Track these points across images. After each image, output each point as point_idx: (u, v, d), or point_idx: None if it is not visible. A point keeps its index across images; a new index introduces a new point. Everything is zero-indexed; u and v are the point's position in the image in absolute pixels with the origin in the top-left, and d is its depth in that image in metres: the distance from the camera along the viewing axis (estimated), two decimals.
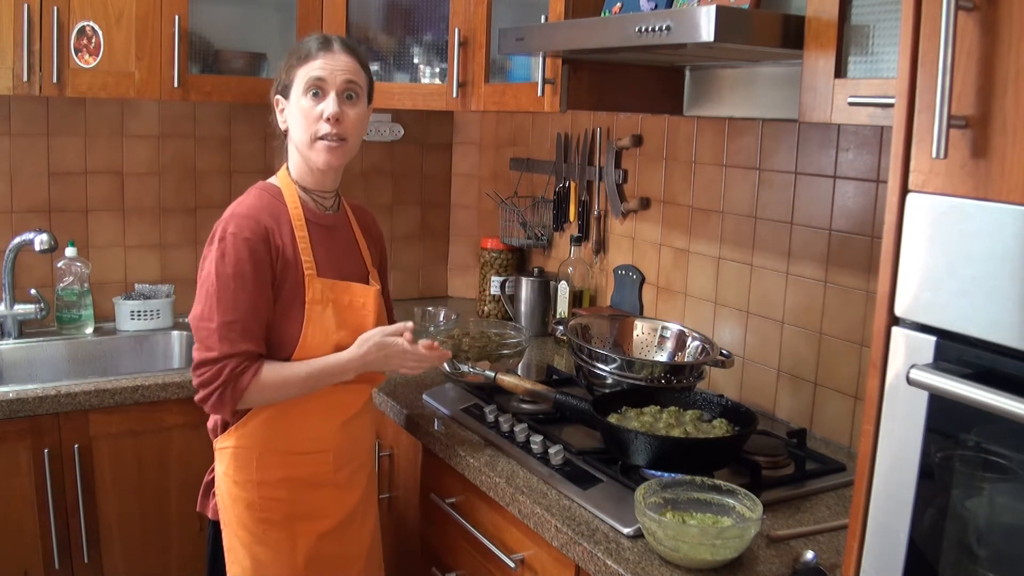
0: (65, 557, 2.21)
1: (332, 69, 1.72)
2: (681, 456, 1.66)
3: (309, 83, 1.71)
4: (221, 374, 1.62)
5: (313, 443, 1.76)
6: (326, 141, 1.72)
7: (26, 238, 2.53)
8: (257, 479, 1.72)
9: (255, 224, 1.68)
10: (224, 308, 1.63)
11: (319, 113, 1.71)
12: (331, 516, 1.79)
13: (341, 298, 1.76)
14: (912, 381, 0.98)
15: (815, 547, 1.49)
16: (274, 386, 1.67)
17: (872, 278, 1.88)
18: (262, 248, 1.67)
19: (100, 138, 2.71)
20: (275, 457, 1.73)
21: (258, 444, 1.72)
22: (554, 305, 2.78)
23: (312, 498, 1.76)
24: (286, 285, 1.70)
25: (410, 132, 3.18)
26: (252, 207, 1.72)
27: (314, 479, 1.77)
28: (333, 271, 1.77)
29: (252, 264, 1.65)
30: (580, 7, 2.10)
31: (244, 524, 1.73)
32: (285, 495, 1.74)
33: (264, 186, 1.80)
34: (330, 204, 1.84)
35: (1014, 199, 0.91)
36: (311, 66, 1.72)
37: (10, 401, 2.10)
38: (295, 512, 1.75)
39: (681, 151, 2.39)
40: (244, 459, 1.72)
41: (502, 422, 1.95)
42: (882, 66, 1.43)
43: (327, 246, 1.78)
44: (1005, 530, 0.98)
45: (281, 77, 1.79)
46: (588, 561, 1.49)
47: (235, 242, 1.65)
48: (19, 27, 2.24)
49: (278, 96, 1.80)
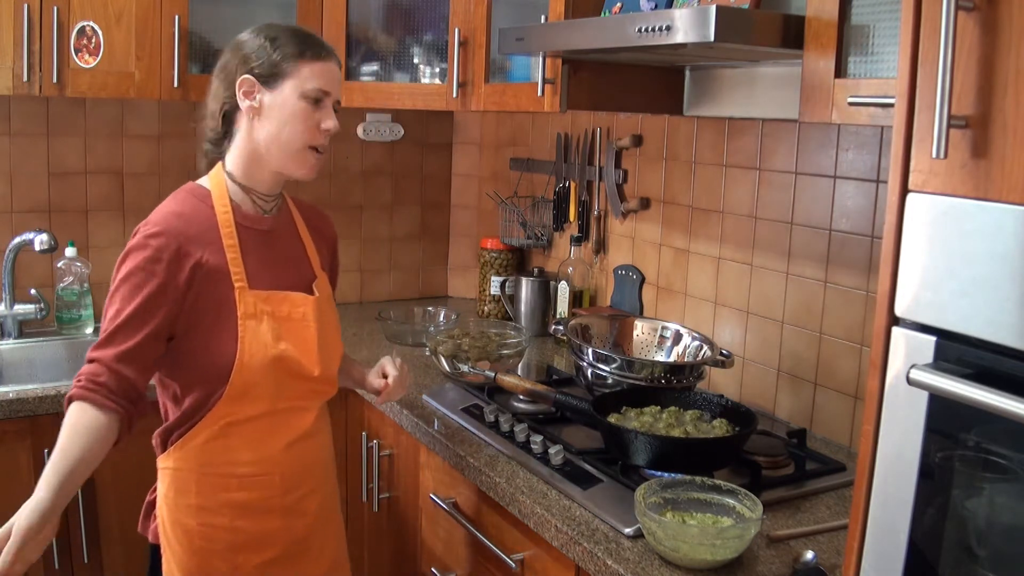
0: (65, 557, 2.21)
1: (335, 82, 1.64)
2: (681, 456, 1.66)
3: (315, 91, 1.60)
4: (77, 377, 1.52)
5: (256, 465, 1.62)
6: (316, 152, 1.63)
7: (26, 238, 2.53)
8: (196, 504, 1.59)
9: (165, 239, 1.53)
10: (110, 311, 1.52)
11: (317, 122, 1.61)
12: (277, 545, 1.65)
13: (278, 310, 1.61)
14: (912, 381, 0.98)
15: (815, 547, 1.49)
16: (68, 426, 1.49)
17: (872, 278, 1.88)
18: (166, 260, 1.52)
19: (100, 138, 2.71)
20: (215, 479, 1.60)
21: (197, 466, 1.59)
22: (554, 305, 2.78)
23: (256, 526, 1.63)
24: (211, 303, 1.56)
25: (410, 132, 3.18)
26: (171, 216, 1.58)
27: (259, 504, 1.63)
28: (270, 280, 1.63)
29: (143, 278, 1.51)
30: (580, 7, 2.10)
31: (183, 551, 1.60)
32: (226, 522, 1.60)
33: (192, 189, 1.65)
34: (271, 207, 1.70)
35: (1014, 199, 0.91)
36: (317, 70, 1.60)
37: (10, 401, 2.10)
38: (237, 542, 1.61)
39: (681, 151, 2.39)
40: (183, 481, 1.60)
41: (502, 422, 1.95)
42: (882, 66, 1.43)
43: (263, 253, 1.65)
44: (1005, 530, 0.98)
45: (266, 57, 1.60)
46: (588, 561, 1.49)
47: (139, 251, 1.53)
48: (19, 27, 2.24)
49: (249, 77, 1.60)
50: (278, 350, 1.59)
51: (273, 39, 1.61)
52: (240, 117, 1.63)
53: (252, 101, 1.60)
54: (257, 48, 1.61)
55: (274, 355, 1.58)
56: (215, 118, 1.65)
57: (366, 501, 2.36)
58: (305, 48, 1.61)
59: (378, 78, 2.69)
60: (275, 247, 1.68)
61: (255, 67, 1.60)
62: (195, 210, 1.61)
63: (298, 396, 1.66)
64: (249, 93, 1.60)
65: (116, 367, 1.50)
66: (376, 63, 2.70)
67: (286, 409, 1.64)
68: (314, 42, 1.64)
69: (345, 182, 3.12)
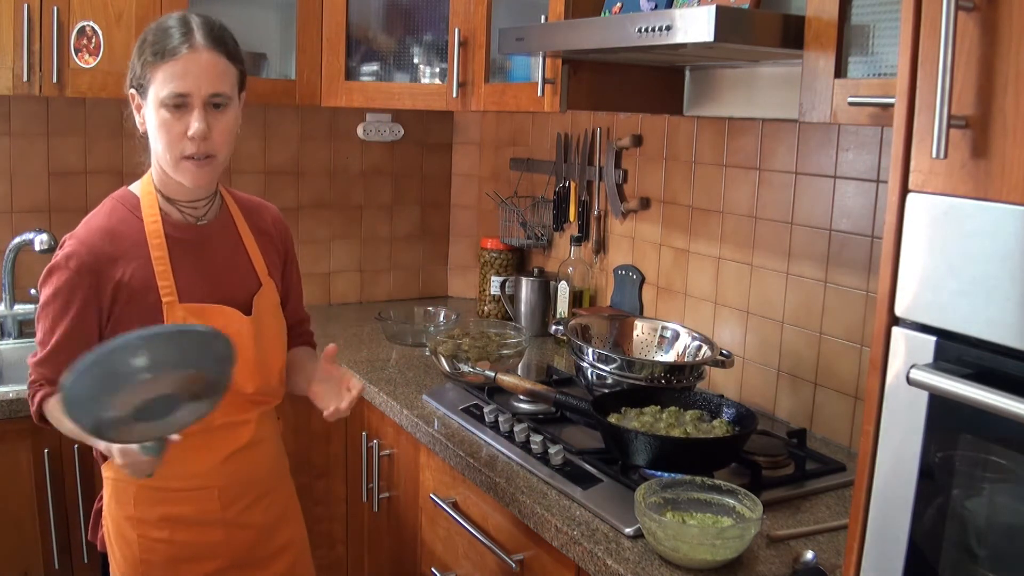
0: (65, 557, 2.21)
1: (196, 76, 1.47)
2: (681, 456, 1.66)
3: (169, 97, 1.47)
4: (30, 386, 1.57)
5: (192, 479, 1.58)
6: (193, 160, 1.51)
7: (26, 238, 2.53)
8: (136, 516, 1.57)
9: (87, 253, 1.50)
10: (41, 329, 1.54)
11: (182, 130, 1.49)
12: (220, 557, 1.62)
13: (210, 323, 1.51)
14: (912, 381, 0.98)
15: (815, 547, 1.49)
16: (55, 418, 1.53)
17: (872, 278, 1.88)
18: (86, 280, 1.50)
19: (100, 138, 2.71)
20: (152, 493, 1.57)
21: (133, 479, 1.53)
22: (554, 305, 2.78)
23: (197, 538, 1.60)
24: (135, 317, 1.51)
25: (410, 132, 3.18)
26: (96, 230, 1.53)
27: (199, 517, 1.60)
28: (203, 292, 1.57)
29: (69, 295, 1.50)
30: (580, 7, 2.10)
31: (125, 561, 1.59)
32: (166, 535, 1.58)
33: (122, 196, 1.60)
34: (203, 214, 1.62)
35: (1014, 199, 0.91)
36: (170, 72, 1.46)
37: (10, 401, 2.10)
38: (178, 555, 1.58)
39: (681, 151, 2.39)
40: (122, 492, 1.58)
41: (502, 422, 1.95)
42: (882, 66, 1.43)
43: (196, 263, 1.58)
44: (1005, 530, 0.98)
45: (135, 68, 1.52)
46: (588, 561, 1.49)
47: (59, 270, 1.51)
48: (19, 27, 2.24)
49: (132, 91, 1.54)
50: None
51: (143, 41, 1.51)
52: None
53: (139, 116, 1.56)
54: (133, 55, 1.54)
55: None
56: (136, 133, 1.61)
57: (366, 501, 2.36)
58: (159, 47, 1.47)
59: (378, 78, 2.69)
60: (210, 256, 1.61)
61: (131, 79, 1.54)
62: (122, 222, 1.56)
63: (234, 411, 1.60)
64: (138, 107, 1.56)
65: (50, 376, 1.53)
66: (376, 63, 2.70)
67: (221, 425, 1.59)
68: (173, 37, 1.48)
69: (345, 182, 3.12)
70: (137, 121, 1.57)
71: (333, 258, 3.15)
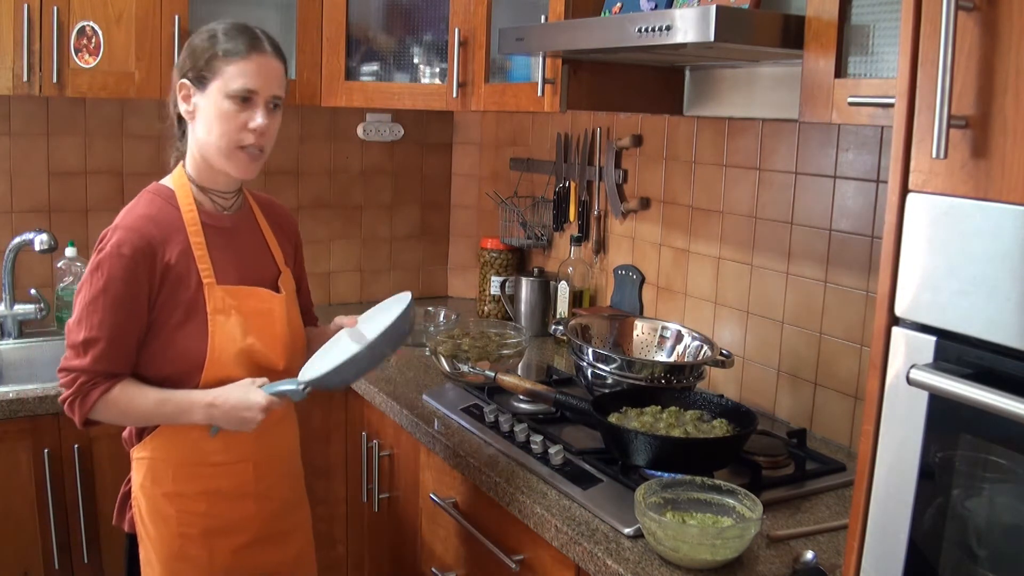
0: (65, 557, 2.21)
1: (265, 77, 1.61)
2: (681, 456, 1.66)
3: (239, 91, 1.59)
4: (72, 385, 1.57)
5: (231, 453, 1.67)
6: (248, 152, 1.63)
7: (26, 238, 2.53)
8: (174, 491, 1.65)
9: (138, 238, 1.57)
10: (89, 324, 1.56)
11: (244, 122, 1.61)
12: (250, 530, 1.71)
13: (245, 304, 1.66)
14: (912, 381, 0.98)
15: (815, 547, 1.49)
16: (120, 408, 1.59)
17: (872, 278, 1.88)
18: (141, 266, 1.57)
19: (100, 138, 2.71)
20: (192, 469, 1.66)
21: (173, 456, 1.65)
22: (554, 305, 2.78)
23: (231, 511, 1.69)
24: (181, 299, 1.61)
25: (410, 132, 3.18)
26: (140, 218, 1.61)
27: (234, 491, 1.69)
28: (236, 275, 1.67)
29: (125, 284, 1.56)
30: (580, 7, 2.10)
31: (161, 538, 1.66)
32: (203, 508, 1.66)
33: (157, 189, 1.68)
34: (231, 204, 1.73)
35: (1014, 199, 0.91)
36: (242, 68, 1.59)
37: (10, 401, 2.10)
38: (213, 527, 1.67)
39: (681, 151, 2.39)
40: (160, 471, 1.65)
41: (502, 422, 1.95)
42: (882, 66, 1.43)
43: (228, 249, 1.68)
44: (1005, 530, 0.98)
45: (197, 61, 1.61)
46: (588, 561, 1.49)
47: (111, 259, 1.56)
48: (19, 27, 2.24)
49: (185, 81, 1.63)
50: (246, 343, 1.64)
51: (206, 39, 1.63)
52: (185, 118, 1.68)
53: (188, 105, 1.65)
54: (192, 50, 1.64)
55: (242, 348, 1.64)
56: (172, 120, 1.71)
57: (366, 501, 2.36)
58: (233, 46, 1.60)
59: (378, 78, 2.69)
60: (238, 243, 1.72)
61: (188, 71, 1.63)
62: (161, 211, 1.64)
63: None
64: (186, 97, 1.64)
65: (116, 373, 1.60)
66: (376, 63, 2.70)
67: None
68: (245, 39, 1.61)
69: (345, 182, 3.12)
70: (183, 109, 1.65)
71: (333, 258, 3.15)
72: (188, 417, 1.60)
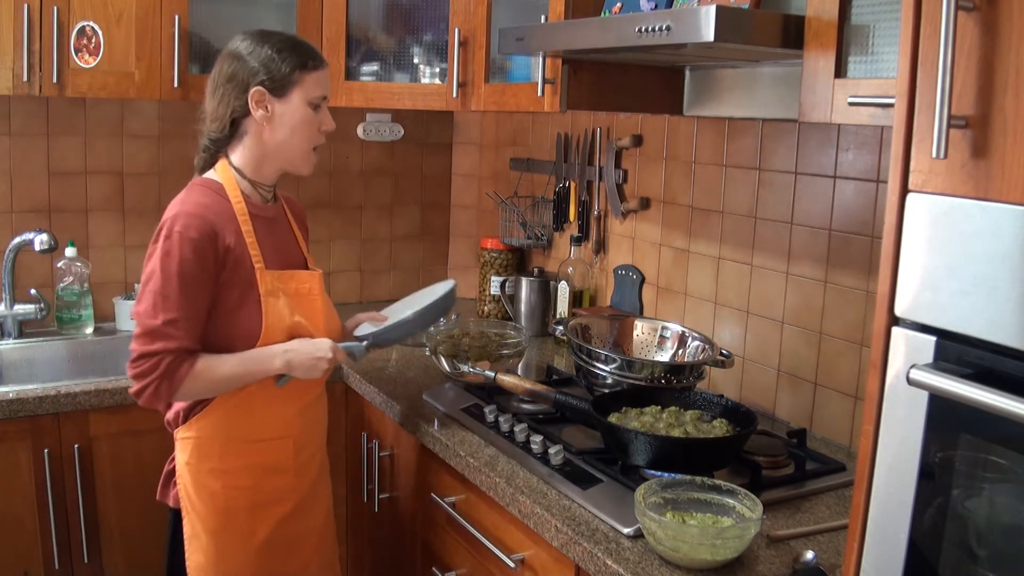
0: (65, 557, 2.21)
1: (329, 85, 1.83)
2: (681, 456, 1.66)
3: (318, 98, 1.78)
4: (159, 367, 1.64)
5: (275, 429, 1.81)
6: (316, 151, 1.84)
7: (26, 238, 2.53)
8: (221, 468, 1.76)
9: (202, 223, 1.68)
10: (168, 306, 1.65)
11: (318, 125, 1.80)
12: (289, 501, 1.85)
13: (288, 286, 1.81)
14: (912, 381, 0.98)
15: (815, 547, 1.49)
16: (204, 379, 1.69)
17: (872, 278, 1.88)
18: (208, 247, 1.68)
19: (100, 138, 2.71)
20: (238, 445, 1.77)
21: (221, 433, 1.76)
22: (554, 305, 2.78)
23: (273, 484, 1.82)
24: (237, 281, 1.73)
25: (410, 132, 3.18)
26: (199, 205, 1.72)
27: (276, 466, 1.82)
28: (278, 261, 1.82)
29: (196, 264, 1.66)
30: (580, 7, 2.10)
31: (207, 512, 1.77)
32: (248, 483, 1.78)
33: (206, 183, 1.79)
34: (269, 196, 1.88)
35: (1014, 199, 0.91)
36: (317, 78, 1.78)
37: (10, 401, 2.10)
38: (257, 499, 1.80)
39: (681, 151, 2.39)
40: (207, 448, 1.76)
41: (502, 422, 1.95)
42: (882, 66, 1.43)
43: (271, 237, 1.83)
44: (1005, 530, 0.98)
45: (275, 70, 1.74)
46: (588, 561, 1.49)
47: (181, 241, 1.66)
48: (19, 27, 2.24)
49: (261, 88, 1.74)
50: (293, 322, 1.78)
51: (279, 51, 1.76)
52: (249, 122, 1.78)
53: (264, 111, 1.76)
54: (265, 60, 1.75)
55: (290, 325, 1.78)
56: (223, 122, 1.78)
57: (366, 501, 2.36)
58: (307, 59, 1.77)
59: (378, 78, 2.69)
60: (277, 232, 1.87)
61: (265, 80, 1.74)
62: (214, 201, 1.75)
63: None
64: (260, 103, 1.75)
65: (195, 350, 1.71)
66: (376, 63, 2.70)
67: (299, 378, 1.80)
68: (313, 52, 1.80)
69: (345, 182, 3.12)
70: (256, 114, 1.76)
71: (333, 258, 3.15)
72: (269, 365, 1.74)
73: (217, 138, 1.80)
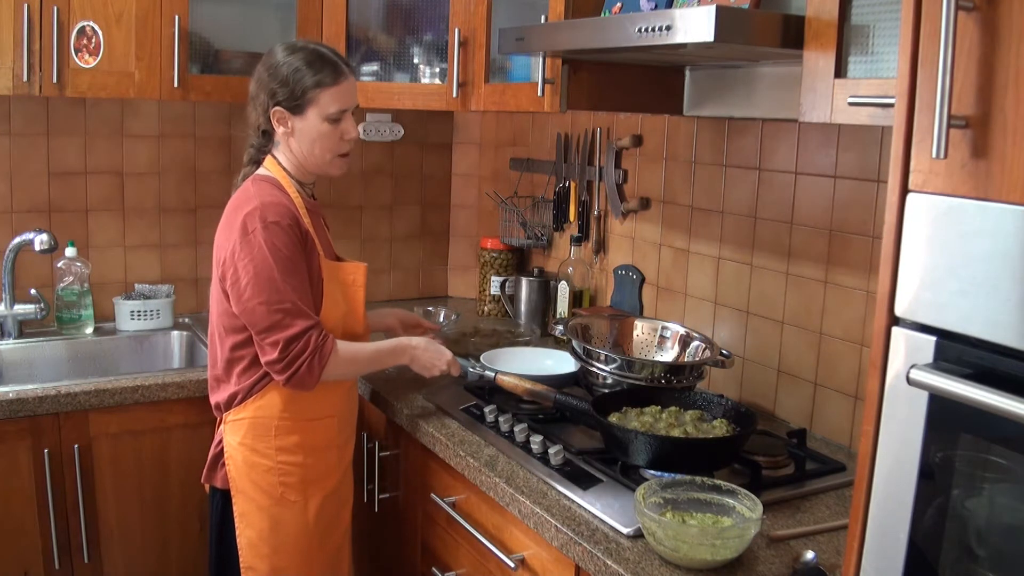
0: (65, 557, 2.21)
1: (351, 96, 1.88)
2: (681, 456, 1.66)
3: (337, 112, 1.85)
4: (309, 344, 1.77)
5: (324, 409, 1.92)
6: (344, 158, 1.93)
7: (26, 238, 2.53)
8: (276, 446, 1.87)
9: (287, 212, 1.81)
10: (293, 287, 1.77)
11: (340, 135, 1.89)
12: (334, 476, 1.97)
13: (337, 276, 1.93)
14: (912, 381, 0.98)
15: (815, 547, 1.49)
16: (344, 358, 1.84)
17: (872, 278, 1.88)
18: (296, 232, 1.81)
19: (100, 138, 2.71)
20: (291, 424, 1.88)
21: (276, 413, 1.86)
22: (554, 305, 2.78)
23: (322, 460, 1.93)
24: (311, 266, 1.85)
25: (410, 132, 3.18)
26: (276, 196, 1.84)
27: (324, 443, 1.93)
28: (327, 252, 1.95)
29: (296, 248, 1.80)
30: (580, 7, 2.10)
31: (262, 489, 1.87)
32: (301, 459, 1.89)
33: (265, 178, 1.90)
34: (310, 193, 1.99)
35: (1014, 199, 0.91)
36: (334, 95, 1.84)
37: (10, 401, 2.10)
38: (308, 475, 1.90)
39: (681, 151, 2.39)
40: (263, 428, 1.87)
41: (502, 422, 1.95)
42: (882, 66, 1.43)
43: (319, 230, 1.94)
44: (1005, 530, 0.98)
45: (292, 90, 1.83)
46: (588, 561, 1.49)
47: (279, 229, 1.78)
48: (19, 27, 2.24)
49: (280, 108, 1.85)
50: (343, 309, 1.93)
51: (297, 69, 1.83)
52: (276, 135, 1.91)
53: (285, 127, 1.88)
54: (284, 78, 1.84)
55: (343, 312, 1.92)
56: (256, 132, 1.93)
57: (366, 501, 2.36)
58: (322, 76, 1.84)
59: (378, 78, 2.69)
60: (321, 226, 1.99)
61: (282, 100, 1.85)
62: (282, 193, 1.87)
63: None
64: (281, 121, 1.87)
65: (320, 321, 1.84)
66: (376, 63, 2.70)
67: None
68: (331, 67, 1.85)
69: (345, 182, 3.11)
70: (280, 131, 1.88)
71: None
72: (399, 358, 1.99)
73: (257, 144, 1.94)
